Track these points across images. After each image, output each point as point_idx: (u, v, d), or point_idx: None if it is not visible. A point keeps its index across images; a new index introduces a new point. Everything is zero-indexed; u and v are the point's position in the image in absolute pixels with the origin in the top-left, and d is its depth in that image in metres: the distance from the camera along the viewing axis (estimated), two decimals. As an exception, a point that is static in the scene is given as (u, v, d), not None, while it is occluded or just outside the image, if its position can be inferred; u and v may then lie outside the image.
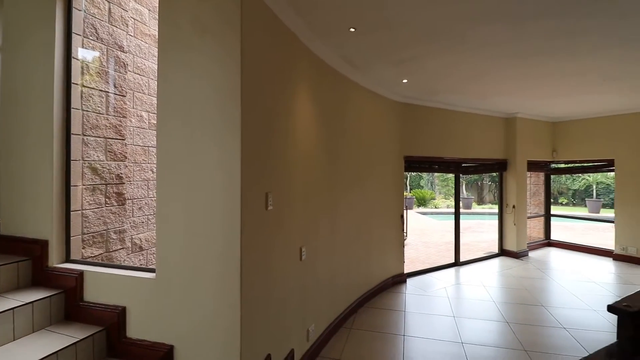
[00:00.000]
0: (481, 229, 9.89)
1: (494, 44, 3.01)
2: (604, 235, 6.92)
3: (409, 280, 5.05)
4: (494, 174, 6.86)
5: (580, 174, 15.26)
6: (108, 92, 2.65)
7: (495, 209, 6.89)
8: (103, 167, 2.62)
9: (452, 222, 6.07)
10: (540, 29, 2.70)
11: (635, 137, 5.88)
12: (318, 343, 3.03)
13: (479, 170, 6.54)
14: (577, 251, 6.83)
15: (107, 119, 2.65)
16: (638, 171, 5.87)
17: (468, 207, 14.25)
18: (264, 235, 2.16)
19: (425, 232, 9.50)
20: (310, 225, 2.97)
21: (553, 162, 7.19)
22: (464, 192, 15.82)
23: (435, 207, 14.83)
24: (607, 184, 14.33)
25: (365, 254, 4.18)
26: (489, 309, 4.01)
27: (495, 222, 6.77)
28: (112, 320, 1.92)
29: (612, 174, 6.30)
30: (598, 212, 13.03)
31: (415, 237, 8.67)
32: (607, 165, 6.43)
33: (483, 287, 4.78)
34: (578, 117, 6.65)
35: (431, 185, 17.34)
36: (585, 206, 14.34)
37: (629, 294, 2.57)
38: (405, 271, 5.16)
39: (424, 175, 17.53)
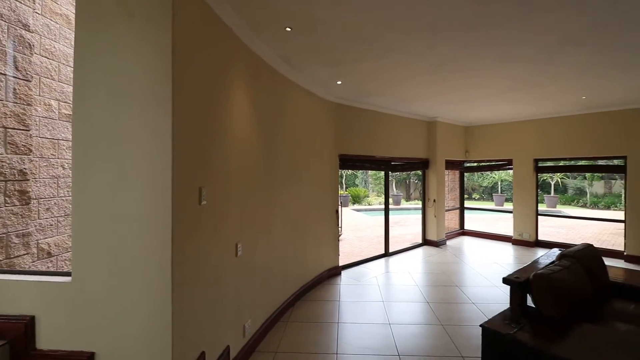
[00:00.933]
0: (408, 223, 10.79)
1: (413, 54, 3.35)
2: (507, 224, 8.11)
3: (344, 272, 5.32)
4: (419, 172, 7.56)
5: (488, 172, 17.61)
6: (7, 74, 2.32)
7: (420, 204, 7.59)
8: (2, 162, 2.28)
9: (383, 217, 6.54)
10: (450, 44, 3.10)
11: (528, 140, 7.02)
12: (255, 338, 3.04)
13: (405, 168, 7.15)
14: (486, 238, 7.90)
15: (7, 106, 2.31)
16: (529, 170, 7.02)
17: (397, 203, 15.44)
18: (198, 231, 2.11)
19: (359, 227, 10.04)
20: (247, 221, 2.97)
21: (466, 161, 8.20)
22: (394, 190, 17.05)
23: (369, 204, 15.74)
24: (510, 181, 16.79)
25: (302, 249, 4.29)
26: (413, 292, 4.44)
27: (420, 215, 7.48)
28: (18, 332, 1.70)
29: (512, 171, 7.41)
30: (502, 205, 15.21)
31: (350, 233, 9.10)
32: (507, 164, 7.55)
33: (408, 273, 5.26)
34: (485, 123, 7.68)
35: (365, 183, 18.34)
36: (493, 200, 16.64)
37: (520, 269, 3.10)
38: (340, 264, 5.42)
39: (359, 174, 18.45)
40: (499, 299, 4.20)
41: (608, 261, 3.55)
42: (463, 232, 8.37)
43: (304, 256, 4.34)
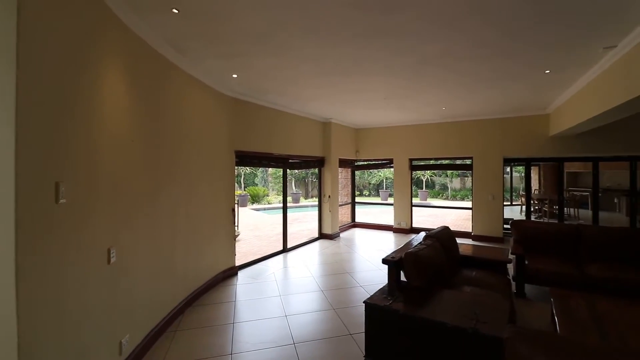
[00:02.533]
0: (306, 219, 11.22)
1: (305, 55, 3.50)
2: (390, 216, 9.23)
3: (241, 272, 5.19)
4: (316, 170, 7.95)
5: (375, 171, 19.76)
6: None
7: (317, 202, 7.98)
8: None
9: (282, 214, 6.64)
10: (338, 50, 3.36)
11: (405, 143, 8.15)
12: (135, 354, 2.69)
13: (302, 165, 7.41)
14: (373, 229, 8.83)
15: None
16: (405, 168, 8.17)
17: (297, 201, 15.91)
18: (54, 236, 1.76)
19: (258, 226, 9.94)
20: (124, 223, 2.60)
21: (357, 160, 9.01)
22: (293, 188, 17.51)
23: (269, 203, 15.73)
24: (392, 179, 19.31)
25: (193, 251, 4.00)
26: (309, 283, 4.64)
27: (317, 212, 7.86)
28: None
29: (393, 169, 8.48)
30: (386, 200, 17.33)
31: (249, 232, 8.94)
32: (389, 163, 8.61)
33: (305, 266, 5.48)
34: (372, 126, 8.59)
35: (265, 182, 18.27)
36: (379, 196, 18.80)
37: (395, 250, 3.56)
38: (237, 264, 5.27)
39: (259, 173, 18.26)
40: (382, 279, 4.75)
41: (461, 240, 4.43)
42: (354, 224, 9.17)
43: (196, 259, 4.06)
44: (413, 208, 8.33)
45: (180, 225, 3.68)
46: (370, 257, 5.98)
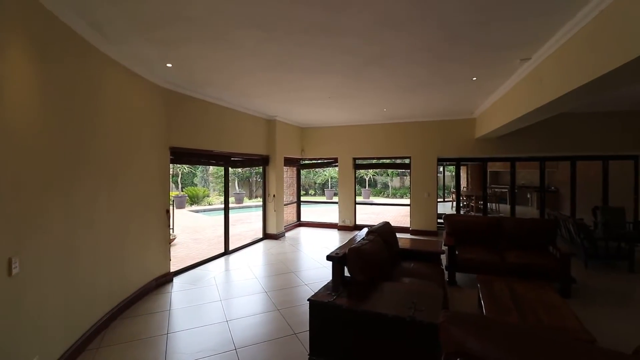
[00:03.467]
0: (250, 220, 10.90)
1: (247, 48, 3.34)
2: (335, 214, 9.38)
3: (177, 278, 4.81)
4: (261, 169, 7.73)
5: (321, 170, 20.02)
6: None
7: (261, 202, 7.76)
8: None
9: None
10: (282, 46, 3.27)
11: (349, 142, 8.34)
12: (44, 379, 2.30)
13: (246, 164, 7.16)
14: (318, 227, 8.88)
15: None
16: (349, 167, 8.36)
17: (240, 201, 15.37)
18: None
19: (197, 229, 9.37)
20: (32, 227, 2.21)
21: (302, 159, 8.98)
22: (236, 188, 16.89)
23: (210, 204, 14.94)
24: (337, 179, 19.74)
25: (119, 256, 3.58)
26: (252, 285, 4.47)
27: (262, 212, 7.65)
28: None
29: (338, 168, 8.62)
30: (332, 198, 17.66)
31: (187, 235, 8.38)
32: (334, 162, 8.74)
33: (249, 268, 5.28)
34: (317, 125, 8.63)
35: (205, 182, 17.30)
36: (325, 195, 19.10)
37: (339, 246, 3.58)
38: (173, 269, 4.87)
39: (198, 173, 17.23)
40: (327, 276, 4.77)
41: (400, 235, 4.63)
42: (300, 223, 9.14)
43: (122, 266, 3.64)
44: (357, 206, 8.56)
45: (102, 228, 3.26)
46: (315, 255, 5.99)
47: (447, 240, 4.63)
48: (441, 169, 12.92)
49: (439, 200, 8.42)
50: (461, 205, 8.96)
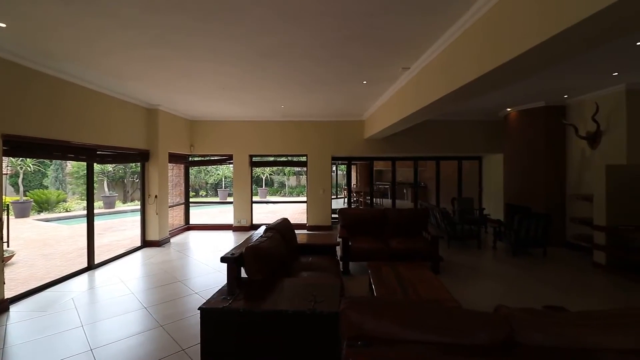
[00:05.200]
0: (125, 227, 9.33)
1: (123, 18, 2.75)
2: (229, 215, 8.83)
3: (17, 306, 3.66)
4: (138, 166, 6.63)
5: (213, 169, 18.75)
6: None
7: (140, 204, 6.67)
8: None
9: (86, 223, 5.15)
10: (165, 21, 2.79)
11: (245, 138, 7.96)
12: None
13: (118, 159, 6.04)
14: (211, 230, 8.20)
15: None
16: (245, 165, 8.00)
17: (111, 205, 12.94)
18: None
19: (49, 242, 7.45)
20: None
21: (191, 155, 8.15)
22: (106, 190, 14.20)
23: (67, 211, 12.05)
24: (232, 178, 18.75)
25: None
26: (127, 302, 3.74)
27: (140, 217, 6.57)
28: None
29: (233, 167, 8.13)
30: (225, 199, 16.72)
31: (32, 251, 6.57)
32: (229, 159, 8.21)
33: (122, 282, 4.42)
34: (210, 119, 7.95)
35: (61, 184, 13.86)
36: (218, 196, 17.94)
37: (235, 246, 3.31)
38: (10, 295, 3.69)
39: (49, 171, 13.68)
40: (221, 281, 4.39)
41: (298, 231, 4.60)
42: (189, 227, 8.27)
43: None
44: (254, 205, 8.26)
45: None
46: (207, 260, 5.46)
47: (341, 233, 4.85)
48: (334, 167, 13.73)
49: (332, 197, 8.87)
50: (352, 200, 9.66)
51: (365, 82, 4.74)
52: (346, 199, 9.29)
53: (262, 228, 4.30)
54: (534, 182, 6.23)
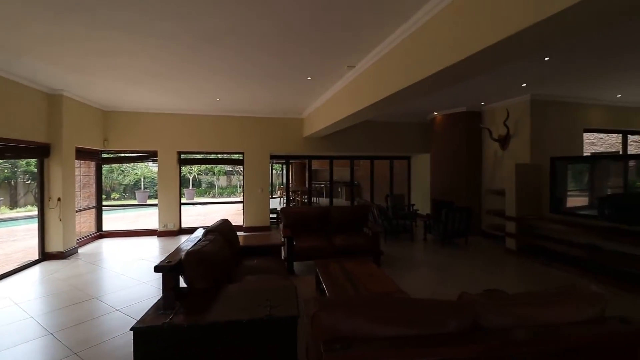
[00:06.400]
0: (14, 237, 7.67)
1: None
2: (152, 219, 7.89)
3: None
4: (32, 162, 5.45)
5: (129, 169, 16.69)
6: None
7: (36, 208, 5.51)
8: None
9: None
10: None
11: (174, 133, 7.18)
12: None
13: (6, 154, 4.88)
14: (130, 236, 7.21)
15: None
16: (173, 162, 7.22)
17: (-6, 212, 10.52)
18: None
19: None
20: None
21: (105, 151, 7.05)
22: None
23: None
24: (152, 178, 16.87)
25: None
26: (24, 329, 2.99)
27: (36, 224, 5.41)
28: None
29: (157, 165, 7.26)
30: (145, 202, 14.98)
31: None
32: (152, 155, 7.31)
33: (15, 305, 3.54)
34: (131, 109, 6.95)
35: None
36: (136, 198, 15.98)
37: (170, 253, 2.89)
38: None
39: None
40: (149, 293, 3.84)
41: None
42: (101, 234, 7.14)
43: None
44: (182, 207, 7.53)
45: None
46: (128, 272, 4.74)
47: (285, 232, 4.67)
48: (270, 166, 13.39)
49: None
50: (290, 200, 9.51)
51: (309, 78, 4.64)
52: (284, 199, 9.10)
53: (200, 231, 3.92)
54: (456, 179, 6.91)
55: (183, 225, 7.51)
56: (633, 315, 1.60)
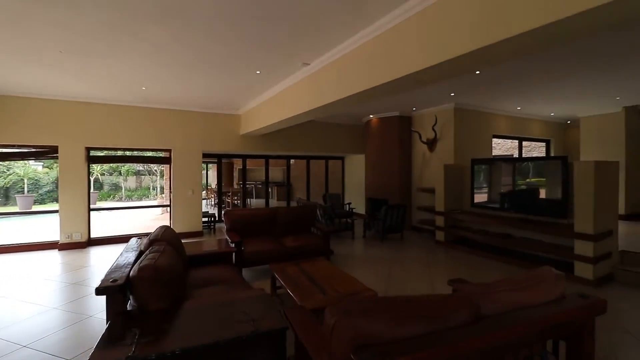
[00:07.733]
0: None
1: None
2: (46, 229, 6.45)
3: None
4: None
5: (4, 169, 13.41)
6: None
7: None
8: None
9: None
10: None
11: (81, 125, 6.01)
12: None
13: None
14: (19, 252, 5.76)
15: None
16: (80, 160, 6.02)
17: None
18: None
19: None
20: None
21: (-22, 146, 5.49)
22: None
23: None
24: (37, 179, 13.89)
25: None
26: None
27: None
28: None
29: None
30: (30, 208, 12.22)
31: None
32: (51, 152, 5.97)
33: None
34: (22, 94, 5.56)
35: None
36: (15, 204, 12.91)
37: (109, 270, 2.38)
38: None
39: None
40: (68, 320, 3.11)
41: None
42: (-23, 252, 5.57)
43: None
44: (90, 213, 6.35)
45: None
46: (27, 297, 3.76)
47: (232, 237, 4.31)
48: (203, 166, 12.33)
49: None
50: (216, 201, 8.88)
51: (259, 71, 4.37)
52: (214, 200, 8.46)
53: (134, 240, 3.39)
54: (390, 179, 7.40)
55: (93, 236, 6.35)
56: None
